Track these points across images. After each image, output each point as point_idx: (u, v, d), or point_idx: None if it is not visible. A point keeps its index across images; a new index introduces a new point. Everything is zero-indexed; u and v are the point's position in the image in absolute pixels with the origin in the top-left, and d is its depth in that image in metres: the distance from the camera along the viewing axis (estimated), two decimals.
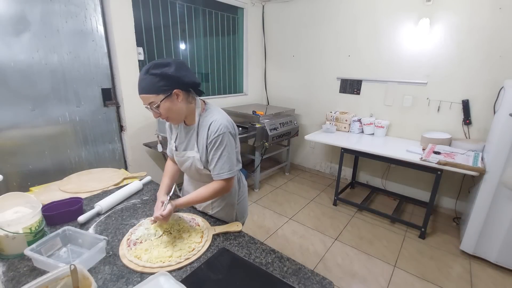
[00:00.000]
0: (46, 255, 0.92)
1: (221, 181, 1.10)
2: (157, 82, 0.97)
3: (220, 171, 1.09)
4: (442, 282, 1.89)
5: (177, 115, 1.06)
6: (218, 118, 1.09)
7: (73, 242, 1.00)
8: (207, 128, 1.09)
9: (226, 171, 1.09)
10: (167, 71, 0.97)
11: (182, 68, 1.01)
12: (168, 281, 0.78)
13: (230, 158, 1.10)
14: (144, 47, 2.54)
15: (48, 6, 1.89)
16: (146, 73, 0.97)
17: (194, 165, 1.16)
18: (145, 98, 1.00)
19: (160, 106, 1.00)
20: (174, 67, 0.98)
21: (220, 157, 1.08)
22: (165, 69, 0.97)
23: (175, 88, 1.00)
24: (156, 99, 0.99)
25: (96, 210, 1.19)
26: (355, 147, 2.60)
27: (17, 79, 1.83)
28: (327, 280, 0.86)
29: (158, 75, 0.96)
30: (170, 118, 1.06)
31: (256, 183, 3.21)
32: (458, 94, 2.52)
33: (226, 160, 1.09)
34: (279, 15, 3.59)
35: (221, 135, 1.07)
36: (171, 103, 1.01)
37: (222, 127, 1.07)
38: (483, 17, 2.29)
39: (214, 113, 1.12)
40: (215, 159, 1.09)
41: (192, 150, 1.14)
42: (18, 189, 1.52)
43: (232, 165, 1.11)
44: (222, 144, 1.08)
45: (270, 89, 4.03)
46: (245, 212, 1.40)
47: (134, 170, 2.55)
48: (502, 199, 1.90)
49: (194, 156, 1.14)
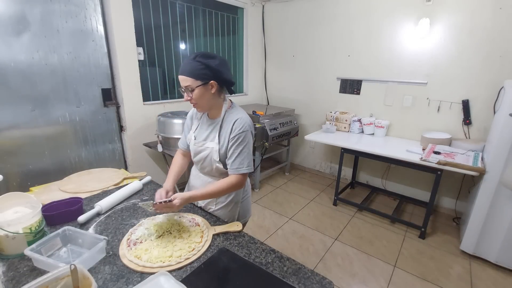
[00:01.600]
0: (46, 255, 0.92)
1: (238, 175, 1.16)
2: (199, 69, 1.06)
3: (240, 166, 1.16)
4: (442, 282, 1.89)
5: (205, 103, 1.15)
6: (243, 117, 1.18)
7: (73, 242, 1.00)
8: (231, 124, 1.16)
9: (245, 166, 1.16)
10: (211, 63, 1.06)
11: (224, 65, 1.12)
12: (168, 281, 0.78)
13: (249, 155, 1.18)
14: (144, 47, 2.54)
15: (48, 6, 1.89)
16: (193, 58, 1.06)
17: (211, 156, 1.21)
18: (184, 79, 1.08)
19: (194, 90, 1.08)
20: (218, 62, 1.09)
21: (241, 152, 1.15)
22: (210, 60, 1.07)
23: (212, 80, 1.09)
24: (193, 83, 1.07)
25: (96, 210, 1.19)
26: (355, 147, 2.60)
27: (17, 79, 1.83)
28: (327, 280, 0.86)
29: (203, 63, 1.06)
30: (199, 104, 1.14)
31: (256, 183, 3.21)
32: (458, 94, 2.52)
33: (246, 156, 1.16)
34: (279, 15, 3.59)
35: (245, 132, 1.15)
36: (204, 91, 1.10)
37: (246, 125, 1.16)
38: (483, 17, 2.29)
39: (239, 112, 1.21)
40: (236, 154, 1.15)
41: (213, 141, 1.20)
42: (18, 189, 1.52)
43: (250, 162, 1.18)
44: (244, 141, 1.15)
45: (270, 89, 4.03)
46: (248, 212, 1.41)
47: (134, 170, 2.55)
48: (502, 199, 1.90)
49: (213, 147, 1.20)
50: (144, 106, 2.59)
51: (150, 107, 2.64)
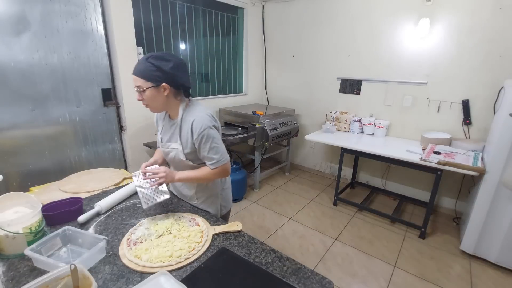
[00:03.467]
0: (46, 255, 0.92)
1: (218, 168, 1.19)
2: (151, 71, 1.05)
3: (213, 161, 1.17)
4: (442, 282, 1.89)
5: (157, 105, 1.14)
6: (199, 115, 1.15)
7: (73, 242, 1.00)
8: (190, 124, 1.15)
9: (216, 160, 1.17)
10: (163, 66, 1.05)
11: (180, 69, 1.10)
12: (168, 281, 0.78)
13: (218, 148, 1.18)
14: (144, 47, 2.54)
15: (48, 6, 1.89)
16: (146, 59, 1.06)
17: (178, 157, 1.22)
18: (135, 79, 1.08)
19: (145, 91, 1.08)
20: (172, 65, 1.07)
21: (210, 149, 1.16)
22: (163, 63, 1.05)
23: (164, 82, 1.08)
24: (143, 84, 1.07)
25: (96, 210, 1.19)
26: (355, 147, 2.60)
27: (17, 79, 1.83)
28: (327, 279, 0.86)
29: (155, 66, 1.05)
30: (150, 105, 1.14)
31: (256, 183, 3.21)
32: (458, 94, 2.52)
33: (216, 150, 1.17)
34: (279, 15, 3.59)
35: (205, 130, 1.13)
36: (156, 93, 1.09)
37: (204, 123, 1.14)
38: (483, 17, 2.29)
39: (196, 110, 1.19)
40: (206, 152, 1.17)
41: (176, 142, 1.21)
42: (18, 189, 1.52)
43: (223, 153, 1.20)
44: (208, 139, 1.15)
45: (270, 89, 4.03)
46: (229, 202, 1.47)
47: (134, 170, 2.53)
48: (502, 199, 1.90)
49: (177, 148, 1.21)
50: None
51: None
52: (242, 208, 2.84)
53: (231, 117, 3.25)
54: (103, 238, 0.94)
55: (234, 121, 3.21)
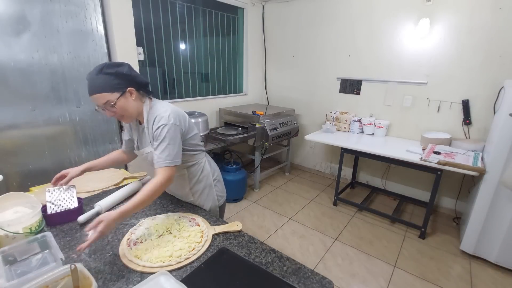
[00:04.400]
0: (20, 259, 0.88)
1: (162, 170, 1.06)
2: (112, 80, 1.01)
3: (159, 160, 1.07)
4: (442, 282, 1.89)
5: (131, 113, 1.10)
6: (160, 112, 1.11)
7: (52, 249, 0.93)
8: (152, 121, 1.12)
9: (162, 159, 1.06)
10: (121, 70, 1.02)
11: (133, 69, 1.08)
12: (168, 281, 0.78)
13: (169, 149, 1.07)
14: (144, 47, 2.54)
15: (48, 6, 1.89)
16: (99, 72, 1.00)
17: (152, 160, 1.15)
18: (100, 97, 1.01)
19: (116, 104, 1.03)
20: (127, 67, 1.05)
21: (159, 145, 1.07)
22: (119, 68, 1.02)
23: (129, 86, 1.05)
24: (111, 97, 1.02)
25: (96, 210, 1.19)
26: (355, 147, 2.60)
27: (17, 79, 1.83)
28: (327, 279, 0.86)
29: (113, 74, 1.01)
30: (125, 116, 1.10)
31: (256, 183, 3.21)
32: (458, 94, 2.52)
33: (164, 149, 1.07)
34: (279, 15, 3.59)
35: (160, 127, 1.07)
36: (125, 101, 1.06)
37: (163, 119, 1.08)
38: (483, 17, 2.29)
39: (157, 108, 1.14)
40: (155, 148, 1.09)
41: (148, 146, 1.19)
42: (18, 189, 1.52)
43: (171, 156, 1.07)
44: (162, 134, 1.07)
45: (270, 89, 4.03)
46: (224, 192, 1.47)
47: (134, 170, 2.55)
48: (502, 199, 1.90)
49: (151, 151, 1.16)
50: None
51: None
52: (242, 208, 2.84)
53: (231, 117, 3.25)
54: (59, 258, 0.84)
55: (234, 121, 3.21)
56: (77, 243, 1.00)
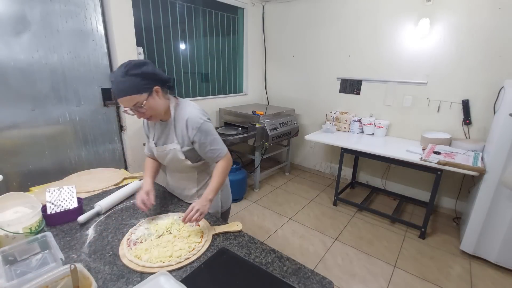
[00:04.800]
0: (20, 259, 0.89)
1: (222, 159, 1.20)
2: (139, 81, 0.99)
3: (216, 153, 1.19)
4: (442, 282, 1.89)
5: (159, 111, 1.10)
6: (192, 112, 1.15)
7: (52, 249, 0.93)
8: (184, 123, 1.14)
9: (218, 153, 1.19)
10: (146, 69, 1.00)
11: (155, 67, 1.06)
12: (168, 281, 0.78)
13: (216, 139, 1.19)
14: (144, 47, 2.54)
15: (48, 6, 1.89)
16: (125, 75, 0.97)
17: (176, 157, 1.21)
18: (128, 100, 1.00)
19: (145, 104, 1.02)
20: (151, 66, 1.03)
21: (210, 143, 1.17)
22: (144, 68, 1.00)
23: (155, 85, 1.05)
24: (140, 98, 1.01)
25: (96, 210, 1.19)
26: (355, 147, 2.60)
27: (17, 79, 1.83)
28: (327, 279, 0.86)
29: (139, 74, 0.99)
30: (153, 116, 1.10)
31: (256, 183, 3.21)
32: (458, 94, 2.52)
33: (217, 141, 1.19)
34: (279, 15, 3.59)
35: (202, 125, 1.14)
36: (153, 100, 1.05)
37: (198, 119, 1.14)
38: (483, 17, 2.29)
39: (187, 107, 1.17)
40: (208, 147, 1.17)
41: (173, 142, 1.19)
42: (18, 189, 1.52)
43: (221, 145, 1.21)
44: (208, 132, 1.16)
45: (270, 89, 4.03)
46: (229, 199, 1.48)
47: (134, 170, 2.55)
48: (502, 199, 1.90)
49: (175, 148, 1.19)
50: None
51: None
52: (242, 208, 2.84)
53: (231, 117, 3.25)
54: (59, 258, 0.84)
55: (234, 121, 3.21)
56: (77, 243, 1.00)
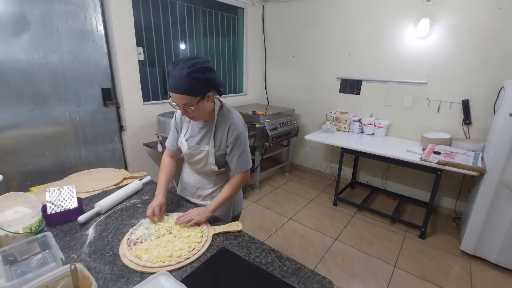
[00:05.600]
0: (20, 259, 0.89)
1: (242, 173, 1.21)
2: (198, 85, 0.99)
3: (241, 165, 1.20)
4: (442, 282, 1.89)
5: (204, 114, 1.12)
6: (236, 119, 1.18)
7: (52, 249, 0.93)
8: (226, 127, 1.16)
9: (245, 164, 1.21)
10: (209, 77, 1.00)
11: (215, 72, 1.05)
12: (168, 281, 0.78)
13: (247, 153, 1.22)
14: (144, 47, 2.54)
15: (48, 6, 1.89)
16: (189, 75, 0.95)
17: (207, 159, 1.21)
18: (181, 98, 1.00)
19: (194, 107, 1.03)
20: (214, 74, 1.03)
21: (242, 153, 1.19)
22: (207, 74, 0.99)
23: (209, 92, 1.06)
24: (192, 100, 1.01)
25: (96, 210, 1.19)
26: (355, 147, 2.60)
27: (17, 79, 1.83)
28: (327, 279, 0.86)
29: (202, 80, 0.99)
30: (197, 117, 1.11)
31: (256, 183, 3.21)
32: (458, 94, 2.52)
33: (246, 155, 1.21)
34: (279, 15, 3.59)
35: (240, 134, 1.16)
36: (203, 104, 1.06)
37: (239, 127, 1.17)
38: (483, 17, 2.29)
39: (232, 113, 1.20)
40: (237, 156, 1.18)
41: (208, 144, 1.20)
42: (18, 189, 1.52)
43: (249, 158, 1.23)
44: (242, 143, 1.18)
45: (270, 89, 4.03)
46: (241, 203, 1.46)
47: (134, 170, 2.55)
48: (502, 199, 1.90)
49: (209, 150, 1.19)
50: (144, 106, 2.59)
51: (150, 107, 2.64)
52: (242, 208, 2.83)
53: None
54: (59, 258, 0.84)
55: None
56: (77, 243, 1.00)
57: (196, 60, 0.99)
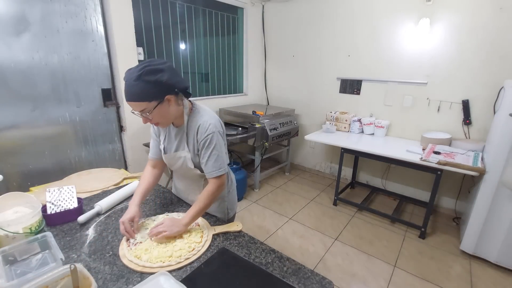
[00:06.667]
0: (20, 258, 0.89)
1: (214, 179, 1.12)
2: (150, 89, 0.94)
3: (212, 169, 1.11)
4: (442, 282, 1.89)
5: (167, 119, 1.07)
6: (206, 119, 1.10)
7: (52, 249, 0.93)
8: (196, 129, 1.10)
9: (216, 169, 1.11)
10: (161, 78, 0.94)
11: (174, 73, 0.99)
12: (168, 281, 0.78)
13: (220, 157, 1.12)
14: (144, 47, 2.54)
15: (48, 6, 1.89)
16: (137, 79, 0.92)
17: (185, 165, 1.17)
18: (136, 105, 0.96)
19: (152, 112, 0.98)
20: (167, 74, 0.95)
21: (210, 156, 1.10)
22: (159, 75, 0.93)
23: (168, 94, 0.99)
24: (148, 106, 0.96)
25: (96, 210, 1.19)
26: (355, 147, 2.60)
27: (17, 80, 1.83)
28: (327, 280, 0.86)
29: (152, 82, 0.93)
30: (161, 123, 1.07)
31: (256, 183, 3.21)
32: (458, 94, 2.52)
33: (216, 159, 1.11)
34: (279, 15, 3.59)
35: (210, 135, 1.09)
36: (163, 109, 1.00)
37: (210, 127, 1.09)
38: (483, 17, 2.29)
39: (201, 114, 1.13)
40: (206, 159, 1.11)
41: (183, 150, 1.16)
42: (18, 189, 1.52)
43: (222, 163, 1.13)
44: (211, 144, 1.09)
45: (270, 89, 4.03)
46: (235, 204, 1.44)
47: (134, 170, 2.55)
48: (502, 199, 1.90)
49: (185, 156, 1.16)
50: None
51: None
52: (242, 208, 2.84)
53: (231, 117, 3.25)
54: (59, 258, 0.84)
55: (234, 121, 3.21)
56: (77, 243, 1.00)
57: (147, 63, 0.94)
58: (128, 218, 1.04)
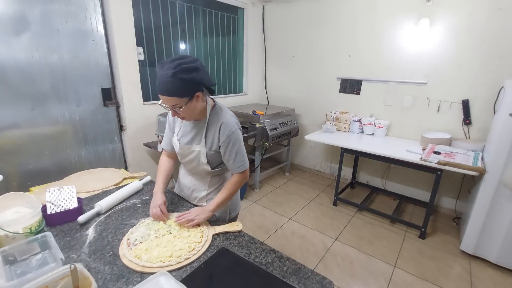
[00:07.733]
0: (20, 259, 0.89)
1: (240, 173, 1.20)
2: (184, 86, 0.98)
3: (239, 165, 1.19)
4: (442, 282, 1.89)
5: (194, 114, 1.11)
6: (228, 118, 1.16)
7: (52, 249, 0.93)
8: (218, 126, 1.15)
9: (241, 164, 1.19)
10: (195, 76, 0.99)
11: (206, 72, 1.05)
12: (168, 281, 0.78)
13: (243, 152, 1.20)
14: (144, 47, 2.54)
15: (48, 6, 1.89)
16: (173, 76, 0.95)
17: (198, 158, 1.20)
18: (168, 99, 1.01)
19: (183, 107, 1.03)
20: (201, 73, 1.01)
21: (237, 153, 1.17)
22: (193, 74, 0.98)
23: (198, 91, 1.04)
24: (180, 101, 1.01)
25: (96, 210, 1.19)
26: (355, 147, 2.60)
27: (17, 79, 1.83)
28: (327, 279, 0.86)
29: (187, 80, 0.97)
30: (188, 117, 1.11)
31: (256, 183, 3.21)
32: (458, 94, 2.52)
33: (242, 154, 1.19)
34: (279, 15, 3.59)
35: (233, 133, 1.14)
36: (192, 105, 1.05)
37: (232, 126, 1.15)
38: (483, 17, 2.29)
39: (224, 112, 1.18)
40: (233, 156, 1.17)
41: (199, 144, 1.19)
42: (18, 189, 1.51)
43: (245, 158, 1.21)
44: (236, 142, 1.16)
45: (270, 89, 4.03)
46: (238, 205, 1.45)
47: (134, 170, 2.55)
48: (502, 199, 1.90)
49: (200, 150, 1.19)
50: (144, 106, 2.59)
51: (150, 107, 2.64)
52: (242, 208, 2.83)
53: None
54: (59, 258, 0.84)
55: None
56: (77, 243, 1.00)
57: (182, 60, 0.98)
58: (162, 203, 1.14)
